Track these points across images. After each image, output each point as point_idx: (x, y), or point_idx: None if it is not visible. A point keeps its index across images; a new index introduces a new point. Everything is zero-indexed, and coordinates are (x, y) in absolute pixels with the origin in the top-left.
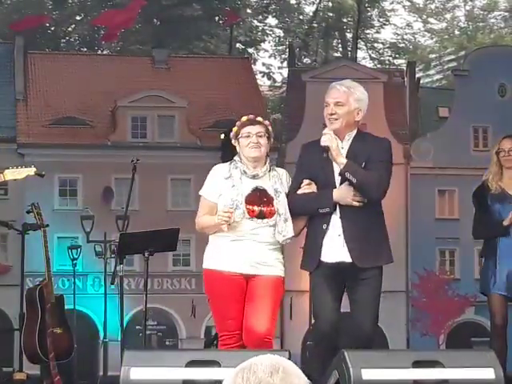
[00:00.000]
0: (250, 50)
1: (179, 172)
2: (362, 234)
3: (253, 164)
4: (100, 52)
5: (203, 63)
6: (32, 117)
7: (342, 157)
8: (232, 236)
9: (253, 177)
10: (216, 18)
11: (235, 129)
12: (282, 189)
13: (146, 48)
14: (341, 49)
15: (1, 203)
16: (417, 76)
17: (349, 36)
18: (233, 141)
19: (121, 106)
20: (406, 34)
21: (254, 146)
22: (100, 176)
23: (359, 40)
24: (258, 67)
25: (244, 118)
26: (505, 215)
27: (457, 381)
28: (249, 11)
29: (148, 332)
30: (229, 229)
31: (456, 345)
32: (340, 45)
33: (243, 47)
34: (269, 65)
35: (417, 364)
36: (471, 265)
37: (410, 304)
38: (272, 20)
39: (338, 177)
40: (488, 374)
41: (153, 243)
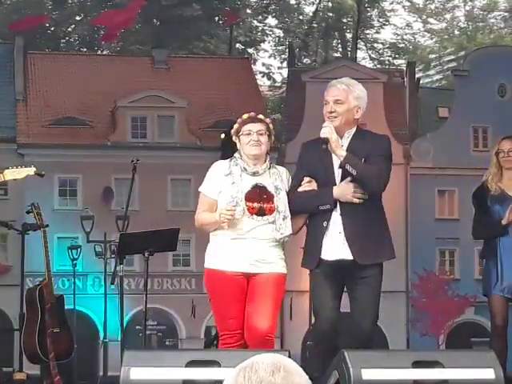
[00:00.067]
0: (250, 50)
1: (179, 172)
2: (363, 231)
3: (253, 161)
4: (100, 52)
5: (203, 63)
6: (32, 117)
7: (342, 149)
8: (232, 234)
9: (253, 174)
10: (216, 18)
11: (236, 125)
12: (283, 186)
13: (146, 48)
14: (341, 49)
15: (1, 203)
16: (416, 76)
17: (348, 36)
18: (233, 137)
19: (121, 106)
20: (406, 34)
21: (255, 144)
22: (100, 176)
23: (359, 40)
24: (258, 67)
25: (245, 116)
26: (504, 216)
27: (457, 381)
28: (249, 11)
29: (148, 332)
30: (229, 226)
31: (456, 345)
32: (340, 45)
33: (243, 47)
34: (269, 65)
35: (417, 364)
36: (471, 265)
37: (410, 304)
38: (272, 20)
39: (339, 173)
40: (488, 375)
41: (153, 243)
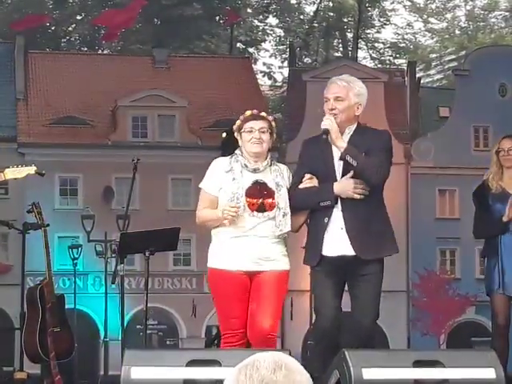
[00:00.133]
0: (251, 50)
1: (180, 171)
2: (364, 226)
3: (254, 159)
4: (100, 52)
5: (203, 63)
6: (32, 116)
7: (342, 140)
8: (234, 232)
9: (253, 170)
10: (216, 18)
11: (238, 122)
12: (284, 183)
13: (147, 48)
14: (341, 48)
15: (1, 203)
16: (417, 76)
17: (349, 36)
18: (235, 134)
19: (121, 106)
20: (407, 34)
21: (256, 142)
22: (100, 175)
23: (360, 40)
24: (259, 67)
25: (248, 113)
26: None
27: (457, 381)
28: (249, 11)
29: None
30: (230, 223)
31: (456, 344)
32: (341, 44)
33: (244, 47)
34: (269, 64)
35: (417, 364)
36: (472, 264)
37: (411, 304)
38: (273, 20)
39: (339, 167)
40: (489, 374)
41: (153, 243)
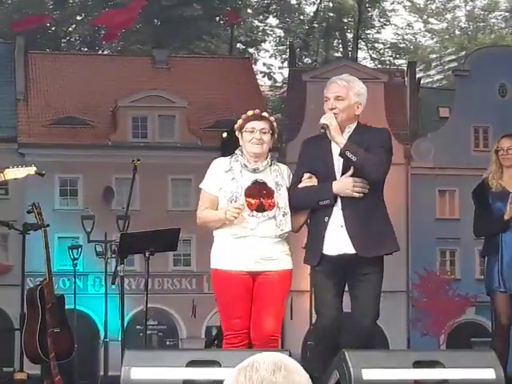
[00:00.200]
0: (251, 50)
1: (180, 172)
2: (364, 224)
3: (254, 159)
4: (101, 52)
5: (203, 63)
6: (32, 117)
7: (341, 136)
8: (235, 233)
9: (253, 170)
10: (216, 18)
11: (240, 121)
12: (283, 183)
13: (147, 48)
14: (341, 49)
15: (1, 203)
16: (417, 76)
17: (349, 36)
18: (236, 133)
19: (121, 106)
20: (407, 34)
21: (257, 143)
22: (100, 176)
23: (360, 40)
24: (259, 67)
25: (250, 113)
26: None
27: (457, 381)
28: (249, 11)
29: (148, 332)
30: (231, 223)
31: (456, 345)
32: (340, 45)
33: (244, 47)
34: (269, 65)
35: (417, 364)
36: (472, 265)
37: (411, 304)
38: (273, 20)
39: (339, 165)
40: (488, 375)
41: (153, 243)
